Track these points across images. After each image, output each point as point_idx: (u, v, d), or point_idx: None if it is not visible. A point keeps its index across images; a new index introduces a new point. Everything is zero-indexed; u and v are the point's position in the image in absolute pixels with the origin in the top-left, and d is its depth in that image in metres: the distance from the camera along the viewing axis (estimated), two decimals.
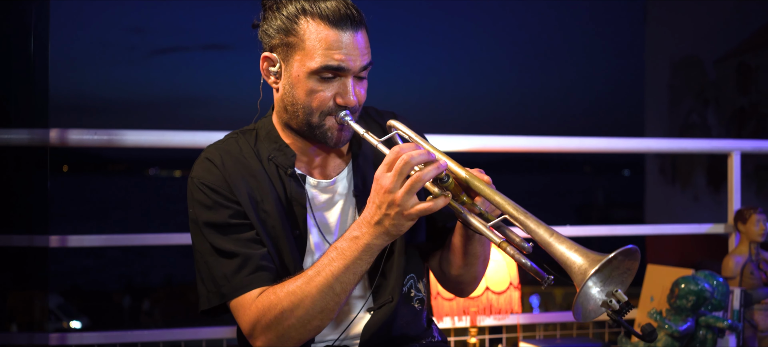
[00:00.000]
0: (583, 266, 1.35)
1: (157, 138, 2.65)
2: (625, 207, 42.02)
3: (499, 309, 2.58)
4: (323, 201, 1.78)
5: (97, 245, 2.64)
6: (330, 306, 1.59)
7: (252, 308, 1.62)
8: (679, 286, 2.64)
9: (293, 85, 1.69)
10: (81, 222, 47.97)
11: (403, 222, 1.53)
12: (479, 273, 1.83)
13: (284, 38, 1.68)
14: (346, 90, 1.68)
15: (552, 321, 3.04)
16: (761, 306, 2.92)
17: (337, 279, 1.57)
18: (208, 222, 1.68)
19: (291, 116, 1.72)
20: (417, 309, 1.82)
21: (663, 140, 3.75)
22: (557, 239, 1.41)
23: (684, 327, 2.62)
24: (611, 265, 1.36)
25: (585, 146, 3.12)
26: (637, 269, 1.42)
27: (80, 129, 2.56)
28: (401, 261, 1.77)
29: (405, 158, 1.50)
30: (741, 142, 3.11)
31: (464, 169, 1.58)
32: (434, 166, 1.51)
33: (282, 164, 1.75)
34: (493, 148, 3.03)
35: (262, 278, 1.64)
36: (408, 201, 1.50)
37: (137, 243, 2.73)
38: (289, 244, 1.70)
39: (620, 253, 1.35)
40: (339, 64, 1.65)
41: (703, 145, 3.50)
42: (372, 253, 1.58)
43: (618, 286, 1.40)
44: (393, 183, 1.50)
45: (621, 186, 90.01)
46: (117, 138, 2.61)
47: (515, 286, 2.63)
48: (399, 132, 1.74)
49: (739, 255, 2.98)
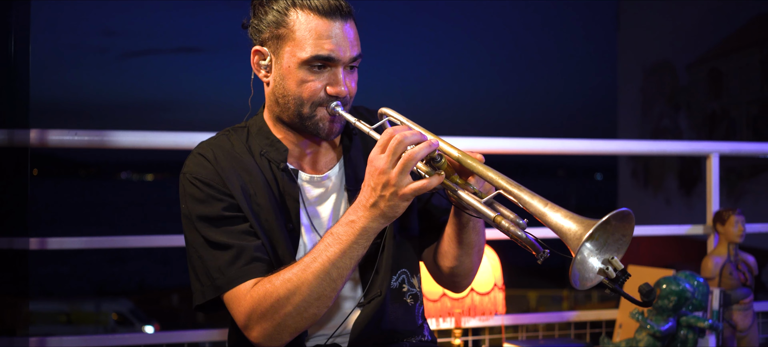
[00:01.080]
0: (579, 231, 1.35)
1: (139, 139, 2.62)
2: (597, 212, 42.46)
3: (483, 310, 2.59)
4: (316, 195, 1.78)
5: (77, 247, 2.59)
6: (327, 292, 1.58)
7: (247, 298, 1.60)
8: (660, 286, 2.66)
9: (284, 77, 1.70)
10: (55, 227, 47.29)
11: (398, 203, 1.53)
12: (474, 264, 1.84)
13: (275, 31, 1.69)
14: (337, 79, 1.69)
15: (534, 322, 3.05)
16: (740, 307, 2.96)
17: (334, 264, 1.56)
18: (201, 216, 1.67)
19: (282, 109, 1.73)
20: (409, 304, 1.82)
21: (643, 142, 3.79)
22: (552, 208, 1.42)
23: (666, 327, 2.64)
24: (606, 231, 1.38)
25: (569, 148, 3.07)
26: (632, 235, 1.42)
27: (60, 129, 2.53)
28: (389, 255, 1.77)
29: (398, 137, 1.51)
30: (719, 144, 3.15)
31: (456, 148, 1.60)
32: (426, 144, 1.52)
33: (274, 159, 1.75)
34: (469, 150, 3.01)
35: (257, 269, 1.63)
36: (402, 181, 1.50)
37: (118, 245, 2.70)
38: (282, 237, 1.70)
39: (613, 216, 1.35)
40: (329, 54, 1.66)
41: (682, 147, 3.53)
42: (368, 237, 1.57)
43: (614, 253, 1.41)
44: (387, 163, 1.50)
45: (593, 190, 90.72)
46: (98, 139, 2.57)
47: (500, 287, 2.64)
48: (390, 118, 1.76)
49: (718, 256, 3.01)
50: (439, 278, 1.92)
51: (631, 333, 2.89)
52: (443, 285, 1.94)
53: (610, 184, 22.10)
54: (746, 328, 2.97)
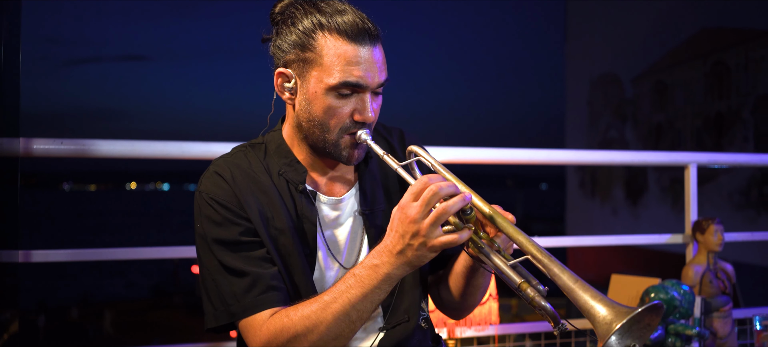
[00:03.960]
0: (608, 318, 1.33)
1: (125, 148, 2.53)
2: (543, 221, 43.07)
3: (479, 321, 2.59)
4: (333, 218, 1.75)
5: (63, 260, 2.50)
6: (345, 333, 1.54)
7: (263, 329, 1.56)
8: (649, 295, 2.71)
9: (310, 102, 1.64)
10: None
11: (426, 254, 1.48)
12: (477, 301, 1.83)
13: (300, 54, 1.63)
14: (365, 106, 1.64)
15: (521, 331, 3.07)
16: (720, 314, 3.02)
17: (354, 306, 1.53)
18: (218, 239, 1.62)
19: (306, 133, 1.68)
20: (424, 328, 1.80)
21: (623, 153, 3.84)
22: (581, 286, 1.39)
23: (655, 336, 2.68)
24: (633, 319, 1.34)
25: (545, 158, 3.03)
26: None
27: (45, 138, 2.44)
28: (417, 281, 1.75)
29: (433, 189, 1.46)
30: (698, 155, 3.21)
31: (487, 204, 1.56)
32: (460, 198, 1.46)
33: (293, 180, 1.71)
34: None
35: (273, 298, 1.59)
36: (433, 233, 1.46)
37: (104, 257, 2.62)
38: (300, 263, 1.66)
39: (647, 309, 1.33)
40: (358, 81, 1.61)
41: (661, 158, 3.60)
42: (391, 283, 1.53)
43: (636, 341, 1.38)
44: (419, 213, 1.45)
45: (540, 199, 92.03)
46: (82, 148, 2.49)
47: (494, 297, 2.65)
48: (420, 158, 1.71)
49: (699, 265, 3.08)
50: (440, 306, 1.91)
51: None
52: (443, 312, 1.92)
53: (558, 194, 22.47)
54: (726, 335, 3.04)
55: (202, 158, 2.58)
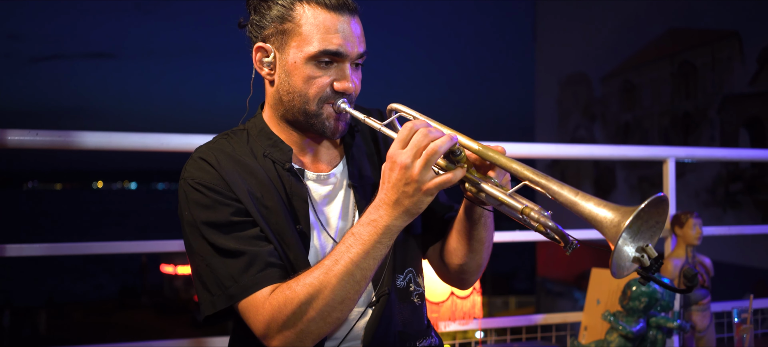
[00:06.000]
0: (615, 220, 1.31)
1: (105, 139, 2.48)
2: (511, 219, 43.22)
3: (463, 314, 2.58)
4: (323, 194, 1.74)
5: (38, 254, 2.44)
6: (351, 295, 1.52)
7: (266, 306, 1.53)
8: (631, 288, 2.71)
9: (289, 73, 1.64)
10: None
11: (422, 198, 1.48)
12: (484, 260, 1.81)
13: (279, 26, 1.64)
14: (345, 75, 1.65)
15: (502, 325, 3.06)
16: (699, 307, 3.05)
17: (357, 265, 1.50)
18: (208, 222, 1.58)
19: (287, 107, 1.67)
20: (416, 304, 1.79)
21: (604, 147, 3.86)
22: (583, 197, 1.38)
23: (637, 328, 2.69)
24: (641, 218, 1.33)
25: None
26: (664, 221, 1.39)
27: (20, 129, 2.38)
28: (393, 253, 1.73)
29: (422, 132, 1.46)
30: (676, 149, 3.24)
31: (475, 140, 1.56)
32: (447, 138, 1.47)
33: (278, 159, 1.69)
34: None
35: (273, 275, 1.56)
36: (426, 176, 1.46)
37: (80, 252, 2.56)
38: (294, 240, 1.64)
39: (650, 203, 1.32)
40: (337, 49, 1.62)
41: (640, 153, 3.62)
42: (392, 236, 1.52)
43: (647, 241, 1.38)
44: (409, 158, 1.45)
45: None
46: (61, 139, 2.43)
47: (477, 291, 2.64)
48: (401, 113, 1.72)
49: (677, 258, 3.10)
50: (446, 276, 1.89)
51: (596, 335, 2.94)
52: (450, 283, 1.91)
53: (526, 191, 22.49)
54: (704, 329, 3.06)
55: (181, 150, 2.53)
